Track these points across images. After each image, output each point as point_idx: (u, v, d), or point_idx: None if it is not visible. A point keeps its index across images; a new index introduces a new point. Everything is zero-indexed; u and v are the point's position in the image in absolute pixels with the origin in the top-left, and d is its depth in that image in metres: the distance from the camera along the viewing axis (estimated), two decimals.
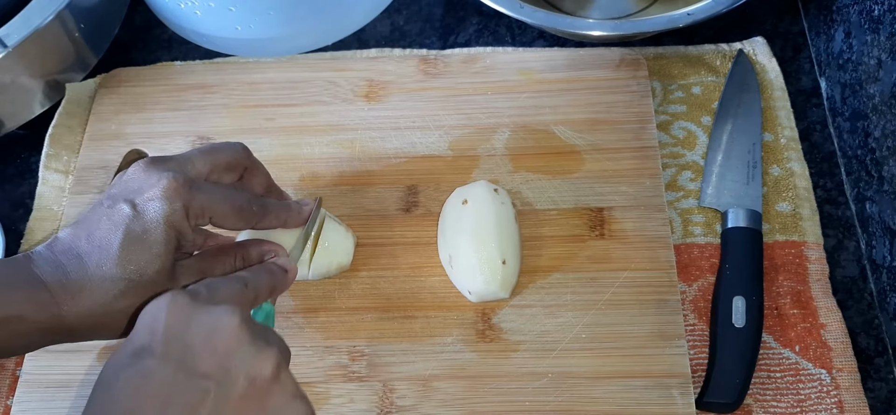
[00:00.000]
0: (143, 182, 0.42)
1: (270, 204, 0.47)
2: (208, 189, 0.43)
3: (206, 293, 0.38)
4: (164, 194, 0.41)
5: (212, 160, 0.44)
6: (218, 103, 0.61)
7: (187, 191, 0.41)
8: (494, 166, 0.57)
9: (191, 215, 0.42)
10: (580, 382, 0.49)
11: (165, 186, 0.41)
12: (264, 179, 0.49)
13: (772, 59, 0.62)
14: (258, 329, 0.37)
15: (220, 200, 0.43)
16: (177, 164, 0.43)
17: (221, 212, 0.43)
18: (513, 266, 0.50)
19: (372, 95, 0.60)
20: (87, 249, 0.40)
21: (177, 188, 0.41)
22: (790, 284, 0.53)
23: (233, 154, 0.46)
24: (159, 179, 0.41)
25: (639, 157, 0.56)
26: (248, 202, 0.45)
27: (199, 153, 0.44)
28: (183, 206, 0.41)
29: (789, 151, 0.58)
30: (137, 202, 0.41)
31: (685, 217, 0.56)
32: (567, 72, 0.60)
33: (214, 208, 0.43)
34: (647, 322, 0.50)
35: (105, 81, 0.63)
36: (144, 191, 0.41)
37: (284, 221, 0.48)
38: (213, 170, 0.44)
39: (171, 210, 0.41)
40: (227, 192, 0.44)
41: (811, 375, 0.50)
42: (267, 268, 0.44)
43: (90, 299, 0.40)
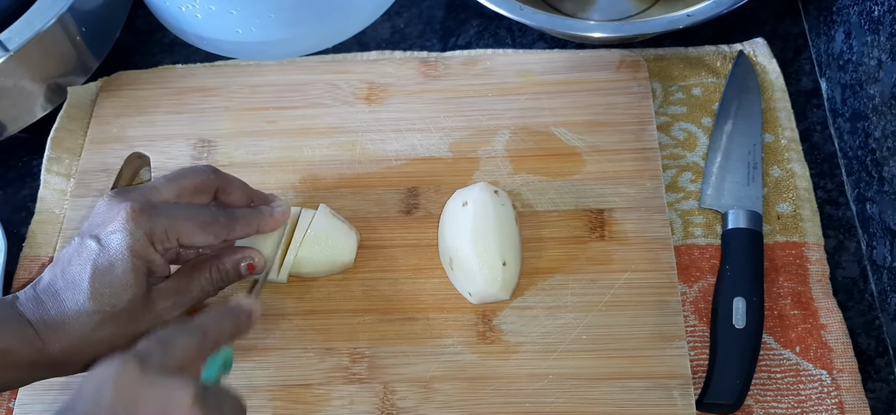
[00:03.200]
0: (106, 215, 0.43)
1: (239, 214, 0.47)
2: (169, 211, 0.43)
3: (159, 356, 0.37)
4: (125, 225, 0.42)
5: (178, 186, 0.45)
6: (219, 106, 0.61)
7: (147, 217, 0.42)
8: (495, 168, 0.57)
9: (155, 241, 0.43)
10: (581, 383, 0.49)
11: (125, 216, 0.42)
12: (240, 192, 0.48)
13: (772, 60, 0.62)
14: (212, 403, 0.37)
15: (183, 219, 0.44)
16: (139, 193, 0.44)
17: (187, 231, 0.44)
18: (513, 268, 0.50)
19: (372, 98, 0.60)
20: (62, 287, 0.42)
21: (136, 216, 0.42)
22: (791, 284, 0.53)
23: (200, 177, 0.46)
24: (120, 210, 0.42)
25: (639, 158, 0.56)
26: (214, 216, 0.45)
27: (164, 180, 0.45)
28: (145, 233, 0.42)
29: (790, 151, 0.58)
30: (101, 236, 0.42)
31: (685, 218, 0.56)
32: (567, 74, 0.60)
33: (178, 229, 0.43)
34: (647, 323, 0.50)
35: (106, 85, 0.63)
36: (107, 224, 0.42)
37: (257, 227, 0.48)
38: (180, 195, 0.45)
39: (134, 240, 0.42)
40: (189, 210, 0.44)
41: (812, 375, 0.50)
42: (229, 312, 0.44)
43: (70, 334, 0.42)
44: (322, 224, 0.51)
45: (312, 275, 0.52)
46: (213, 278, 0.47)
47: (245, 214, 0.47)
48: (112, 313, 0.42)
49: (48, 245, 0.57)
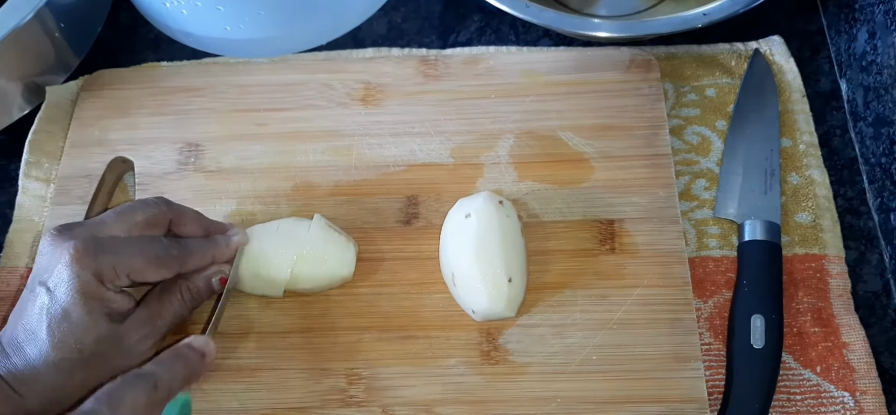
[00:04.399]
0: (51, 259, 0.41)
1: (193, 245, 0.45)
2: (116, 247, 0.41)
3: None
4: (70, 268, 0.40)
5: (128, 221, 0.43)
6: (206, 107, 0.57)
7: (93, 257, 0.40)
8: (498, 175, 0.54)
9: (105, 280, 0.41)
10: (591, 407, 0.46)
11: (69, 258, 0.40)
12: (195, 224, 0.46)
13: (789, 59, 0.59)
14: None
15: (132, 255, 0.42)
16: (85, 229, 0.42)
17: (136, 267, 0.42)
18: (519, 284, 0.48)
19: (369, 99, 0.57)
20: (23, 339, 0.40)
21: (80, 257, 0.40)
22: (810, 300, 0.50)
23: (151, 211, 0.44)
24: (63, 251, 0.40)
25: (651, 165, 0.53)
26: (166, 250, 0.43)
27: (114, 215, 0.43)
28: (92, 274, 0.40)
29: (808, 157, 0.55)
30: (49, 283, 0.40)
31: (699, 228, 0.53)
32: (574, 74, 0.57)
33: (127, 265, 0.41)
34: (660, 343, 0.48)
35: (87, 84, 0.59)
36: (52, 268, 0.40)
37: (212, 257, 0.46)
38: (130, 230, 0.43)
39: (81, 282, 0.40)
40: (138, 245, 0.42)
41: (833, 398, 0.48)
42: (180, 355, 0.41)
43: (43, 384, 0.40)
44: (317, 237, 0.48)
45: (310, 291, 0.50)
46: (185, 299, 0.45)
47: (199, 245, 0.45)
48: (80, 359, 0.40)
49: (27, 255, 0.54)
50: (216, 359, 0.48)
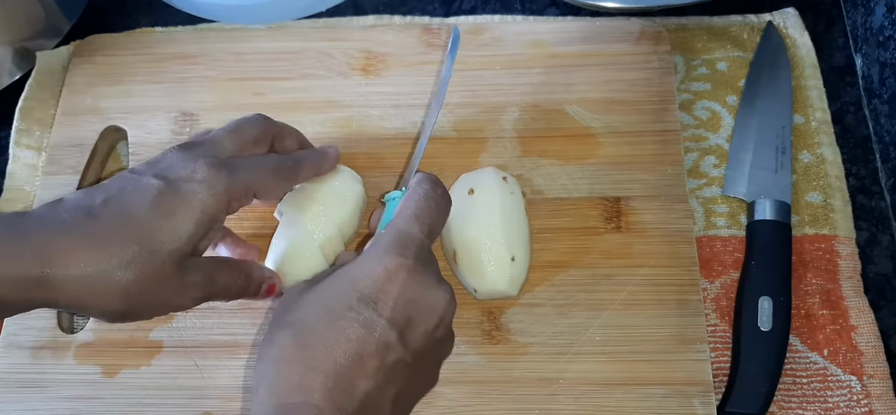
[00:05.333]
0: (177, 163, 0.40)
1: (302, 157, 0.46)
2: (244, 166, 0.41)
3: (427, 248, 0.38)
4: (205, 178, 0.39)
5: (239, 139, 0.43)
6: (202, 75, 0.56)
7: (227, 174, 0.40)
8: (502, 150, 0.52)
9: (233, 199, 0.40)
10: (594, 389, 0.45)
11: (204, 173, 0.39)
12: (293, 138, 0.47)
13: (804, 32, 0.57)
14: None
15: (259, 171, 0.42)
16: (207, 148, 0.41)
17: (264, 183, 0.42)
18: (522, 263, 0.47)
19: (370, 69, 0.55)
20: (101, 212, 0.37)
21: (216, 174, 0.39)
22: (819, 281, 0.49)
23: (258, 128, 0.44)
24: (196, 164, 0.40)
25: (659, 141, 0.52)
26: (281, 162, 0.44)
27: (225, 134, 0.43)
28: (225, 190, 0.40)
29: (820, 135, 0.54)
30: (172, 179, 0.39)
31: (707, 207, 0.52)
32: (582, 45, 0.55)
33: (256, 182, 0.41)
34: (666, 324, 0.47)
35: (79, 49, 0.58)
36: (180, 172, 0.39)
37: (320, 168, 0.47)
38: (242, 148, 0.43)
39: (211, 195, 0.39)
40: (262, 161, 0.43)
41: (840, 381, 0.47)
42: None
43: (88, 260, 0.36)
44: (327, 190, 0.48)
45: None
46: (240, 284, 0.43)
47: (307, 156, 0.46)
48: (147, 258, 0.37)
49: None
50: (211, 336, 0.48)
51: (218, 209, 0.40)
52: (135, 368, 0.47)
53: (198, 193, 0.39)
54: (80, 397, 0.47)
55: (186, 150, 0.41)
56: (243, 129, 0.44)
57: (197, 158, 0.40)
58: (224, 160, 0.41)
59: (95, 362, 0.48)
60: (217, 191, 0.39)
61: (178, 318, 0.48)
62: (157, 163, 0.40)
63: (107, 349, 0.48)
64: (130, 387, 0.47)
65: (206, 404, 0.46)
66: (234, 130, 0.43)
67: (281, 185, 0.44)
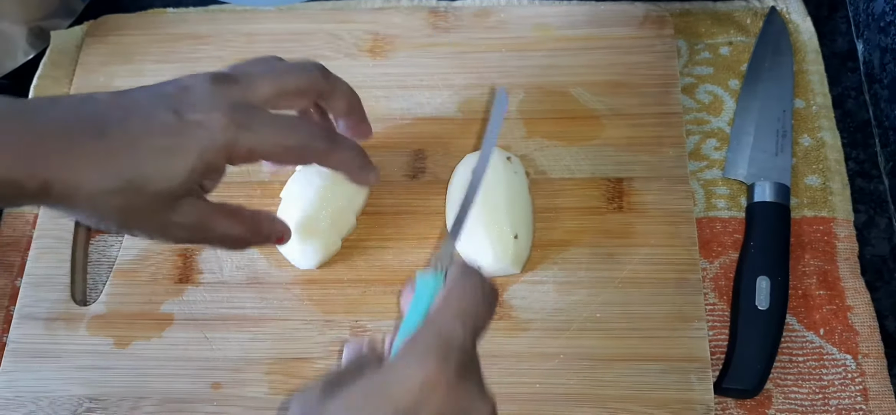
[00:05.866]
0: (199, 100, 0.38)
1: (342, 144, 0.42)
2: (260, 128, 0.39)
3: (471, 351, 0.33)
4: (211, 124, 0.37)
5: (280, 86, 0.40)
6: (212, 55, 0.57)
7: (235, 129, 0.38)
8: (507, 131, 0.53)
9: (233, 156, 0.38)
10: (593, 364, 0.46)
11: (216, 118, 0.37)
12: (345, 100, 0.44)
13: (806, 18, 0.57)
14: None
15: (273, 140, 0.39)
16: (240, 89, 0.39)
17: (272, 153, 0.40)
18: (525, 241, 0.48)
19: (377, 50, 0.56)
20: (112, 132, 0.36)
21: (226, 124, 0.37)
22: (817, 262, 0.50)
23: (305, 80, 0.41)
24: (214, 105, 0.38)
25: (662, 124, 0.53)
26: (309, 140, 0.41)
27: (267, 76, 0.40)
28: (225, 144, 0.37)
29: (821, 119, 0.54)
30: (184, 116, 0.37)
31: (708, 189, 0.53)
32: (587, 29, 0.56)
33: (264, 150, 0.39)
34: (665, 302, 0.48)
35: (92, 29, 0.59)
36: (195, 109, 0.37)
37: (349, 169, 0.43)
38: (280, 95, 0.40)
39: (211, 145, 0.37)
40: (282, 130, 0.40)
41: (835, 360, 0.48)
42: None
43: (84, 181, 0.36)
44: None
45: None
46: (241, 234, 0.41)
47: (348, 150, 0.43)
48: (136, 190, 0.37)
49: None
50: (221, 309, 0.49)
51: (216, 160, 0.38)
52: (146, 339, 0.49)
53: (201, 140, 0.37)
54: (93, 367, 0.48)
55: (216, 84, 0.39)
56: (288, 76, 0.41)
57: (219, 100, 0.38)
58: (245, 111, 0.38)
59: (107, 334, 0.49)
60: (219, 143, 0.37)
61: (188, 291, 0.50)
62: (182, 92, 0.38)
63: (119, 321, 0.49)
64: (141, 358, 0.48)
65: (215, 375, 0.47)
66: (279, 74, 0.41)
67: (292, 162, 0.42)
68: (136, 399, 0.47)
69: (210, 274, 0.50)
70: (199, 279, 0.50)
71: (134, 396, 0.47)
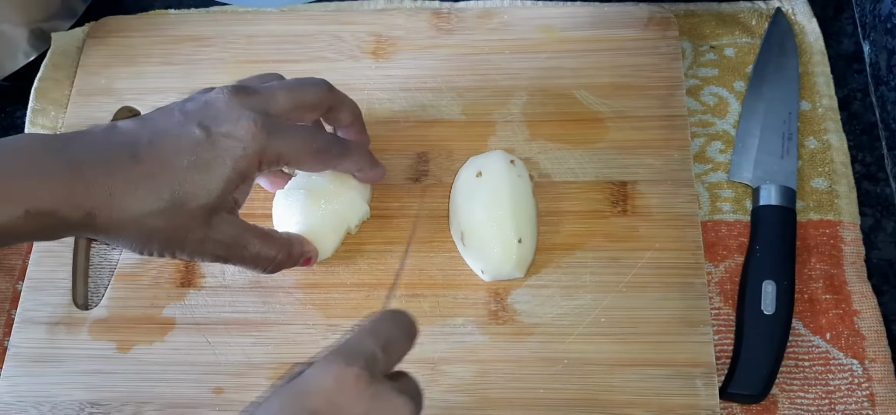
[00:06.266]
0: (223, 113, 0.39)
1: (352, 147, 0.45)
2: (287, 133, 0.41)
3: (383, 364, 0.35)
4: (243, 135, 0.39)
5: (296, 99, 0.42)
6: (214, 58, 0.57)
7: (265, 135, 0.39)
8: (511, 133, 0.53)
9: (264, 162, 0.40)
10: (598, 369, 0.46)
11: (245, 126, 0.39)
12: (351, 113, 0.46)
13: (812, 19, 0.57)
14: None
15: (300, 144, 0.41)
16: (260, 100, 0.41)
17: (299, 157, 0.42)
18: (529, 245, 0.47)
19: (380, 52, 0.56)
20: (144, 155, 0.38)
21: (256, 132, 0.39)
22: (823, 266, 0.50)
23: (317, 94, 0.43)
24: (240, 115, 0.39)
25: (666, 126, 0.52)
26: (328, 144, 0.43)
27: (283, 90, 0.42)
28: (257, 151, 0.39)
29: (827, 121, 0.54)
30: (213, 130, 0.39)
31: (713, 192, 0.52)
32: (591, 30, 0.56)
33: (292, 154, 0.41)
34: (670, 307, 0.47)
35: (94, 31, 0.58)
36: (222, 122, 0.39)
37: (361, 168, 0.46)
38: (296, 108, 0.42)
39: (244, 154, 0.39)
40: (306, 135, 0.42)
41: (842, 365, 0.47)
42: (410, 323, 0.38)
43: (128, 205, 0.37)
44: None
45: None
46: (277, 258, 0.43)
47: (357, 151, 0.46)
48: (177, 209, 0.38)
49: None
50: (223, 314, 0.49)
51: (249, 168, 0.39)
52: (148, 344, 0.48)
53: (233, 150, 0.39)
54: (95, 371, 0.48)
55: (237, 97, 0.40)
56: (303, 91, 0.43)
57: (243, 111, 0.39)
58: (269, 119, 0.40)
59: (109, 338, 0.49)
60: (251, 151, 0.39)
61: (190, 295, 0.49)
62: (205, 107, 0.40)
63: (121, 325, 0.49)
64: (144, 362, 0.48)
65: (217, 379, 0.47)
66: (293, 89, 0.42)
67: (316, 165, 0.43)
68: (138, 404, 0.47)
69: (212, 278, 0.50)
70: (201, 283, 0.50)
71: (136, 400, 0.47)
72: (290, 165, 0.42)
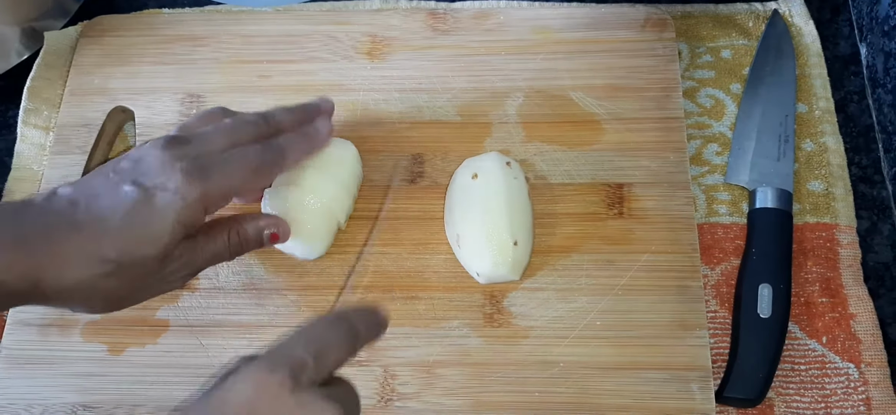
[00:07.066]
0: (155, 166, 0.39)
1: (285, 143, 0.43)
2: (222, 169, 0.40)
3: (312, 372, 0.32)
4: (179, 187, 0.38)
5: (231, 140, 0.42)
6: (208, 57, 0.56)
7: (201, 183, 0.39)
8: (506, 135, 0.52)
9: (209, 204, 0.40)
10: (593, 372, 0.46)
11: (177, 182, 0.38)
12: (290, 121, 0.45)
13: (809, 21, 0.57)
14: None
15: (238, 173, 0.40)
16: (192, 148, 0.40)
17: (243, 184, 0.41)
18: (524, 247, 0.47)
19: (375, 53, 0.56)
20: (83, 221, 0.38)
21: (189, 184, 0.39)
22: (819, 269, 0.50)
23: (253, 130, 0.43)
24: (172, 171, 0.39)
25: (663, 128, 0.52)
26: (262, 156, 0.42)
27: (219, 134, 0.42)
28: (198, 198, 0.39)
29: (824, 123, 0.54)
30: (148, 187, 0.38)
31: (709, 194, 0.52)
32: (587, 32, 0.55)
33: (234, 185, 0.40)
34: (666, 310, 0.47)
35: (87, 30, 0.58)
36: (156, 177, 0.39)
37: (308, 150, 0.45)
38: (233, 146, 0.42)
39: (186, 205, 0.39)
40: (240, 160, 0.41)
41: (838, 368, 0.47)
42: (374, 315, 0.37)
43: (74, 273, 0.37)
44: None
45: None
46: (232, 243, 0.43)
47: (292, 142, 0.44)
48: (127, 266, 0.38)
49: None
50: (216, 315, 0.48)
51: (194, 217, 0.39)
52: (140, 346, 0.48)
53: (172, 204, 0.38)
54: (87, 374, 0.47)
55: (168, 149, 0.40)
56: (237, 131, 0.42)
57: (174, 162, 0.39)
58: (201, 165, 0.39)
59: (102, 340, 0.48)
60: (190, 200, 0.39)
61: (184, 298, 0.49)
62: (136, 164, 0.40)
63: (113, 327, 0.49)
64: (136, 364, 0.47)
65: (210, 382, 0.47)
66: (227, 131, 0.42)
67: (262, 181, 0.42)
68: (130, 407, 0.46)
69: (206, 280, 0.49)
70: (194, 285, 0.49)
71: (128, 403, 0.46)
72: (238, 195, 0.41)
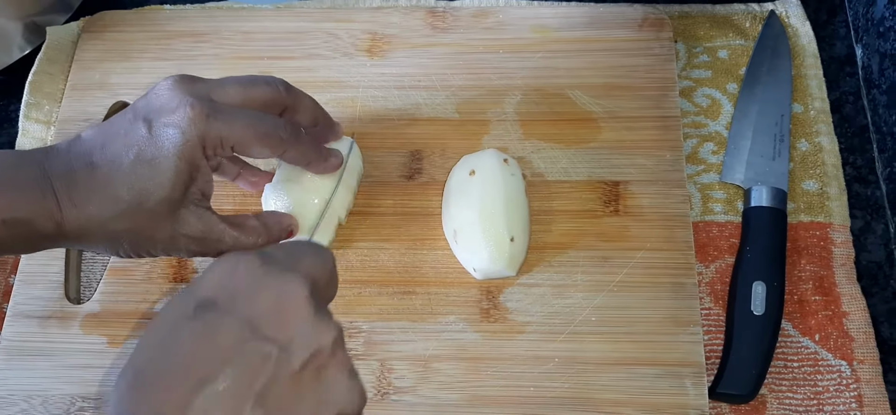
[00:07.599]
0: (165, 103, 0.39)
1: (303, 137, 0.44)
2: (229, 116, 0.40)
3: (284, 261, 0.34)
4: (180, 122, 0.38)
5: (246, 94, 0.42)
6: (209, 53, 0.57)
7: (205, 120, 0.39)
8: (504, 132, 0.53)
9: (207, 146, 0.39)
10: (588, 367, 0.46)
11: (184, 113, 0.38)
12: (310, 114, 0.46)
13: (805, 22, 0.57)
14: (322, 304, 0.34)
15: (242, 127, 0.40)
16: (205, 87, 0.40)
17: (242, 140, 0.40)
18: (521, 243, 0.47)
19: (375, 50, 0.56)
20: (99, 162, 0.38)
21: (194, 118, 0.38)
22: (813, 268, 0.50)
23: (271, 93, 0.43)
24: (180, 103, 0.39)
25: (659, 127, 0.52)
26: (276, 129, 0.42)
27: (235, 84, 0.42)
28: (198, 136, 0.39)
29: (819, 123, 0.54)
30: (154, 124, 0.39)
31: (705, 192, 0.53)
32: (585, 31, 0.56)
33: (234, 137, 0.40)
34: (660, 306, 0.48)
35: (88, 25, 0.58)
36: (163, 114, 0.39)
37: (308, 162, 0.46)
38: (245, 103, 0.42)
39: (184, 141, 0.38)
40: (249, 117, 0.41)
41: (830, 366, 0.48)
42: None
43: (90, 213, 0.38)
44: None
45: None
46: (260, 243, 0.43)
47: (307, 143, 0.44)
48: (137, 207, 0.38)
49: None
50: None
51: (194, 155, 0.39)
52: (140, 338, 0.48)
53: (173, 138, 0.38)
54: (86, 366, 0.48)
55: (183, 84, 0.40)
56: (255, 87, 0.42)
57: (185, 96, 0.39)
58: (210, 103, 0.39)
59: (101, 332, 0.49)
60: (191, 136, 0.38)
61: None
62: (151, 99, 0.40)
63: (112, 320, 0.49)
64: None
65: None
66: (245, 84, 0.42)
67: (263, 150, 0.42)
68: None
69: None
70: (193, 278, 0.50)
71: None
72: (236, 149, 0.41)
